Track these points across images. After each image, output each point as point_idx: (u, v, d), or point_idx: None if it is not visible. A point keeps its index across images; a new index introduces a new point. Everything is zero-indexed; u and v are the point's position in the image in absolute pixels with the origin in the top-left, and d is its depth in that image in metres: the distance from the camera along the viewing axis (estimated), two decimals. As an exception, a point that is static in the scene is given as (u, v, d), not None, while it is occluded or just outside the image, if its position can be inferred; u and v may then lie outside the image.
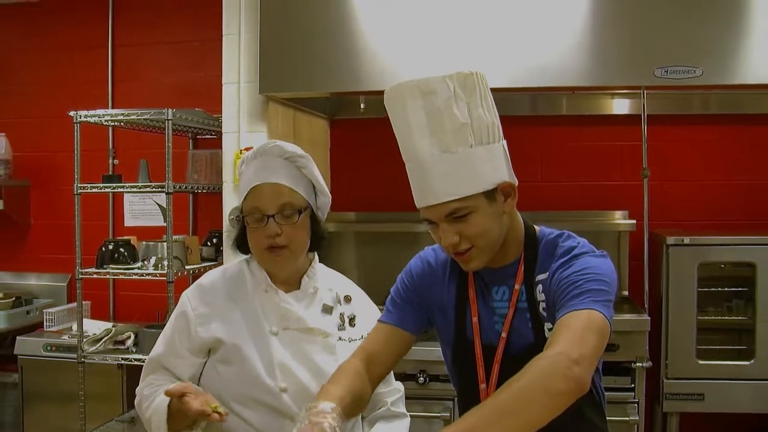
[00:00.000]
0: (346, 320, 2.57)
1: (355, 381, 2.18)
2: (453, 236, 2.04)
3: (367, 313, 2.66)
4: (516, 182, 2.11)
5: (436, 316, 2.31)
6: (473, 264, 2.12)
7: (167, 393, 2.29)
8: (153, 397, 2.42)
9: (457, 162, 2.00)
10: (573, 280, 2.00)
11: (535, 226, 2.24)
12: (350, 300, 2.63)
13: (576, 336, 1.84)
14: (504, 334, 2.15)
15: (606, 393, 2.35)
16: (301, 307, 2.52)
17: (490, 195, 2.03)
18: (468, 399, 2.24)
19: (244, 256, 2.60)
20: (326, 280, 2.63)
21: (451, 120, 2.00)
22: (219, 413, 2.21)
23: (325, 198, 2.61)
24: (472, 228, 2.03)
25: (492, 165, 2.04)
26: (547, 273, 2.12)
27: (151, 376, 2.53)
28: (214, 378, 2.46)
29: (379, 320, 2.35)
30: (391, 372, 2.58)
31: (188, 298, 2.55)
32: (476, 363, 2.19)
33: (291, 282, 2.55)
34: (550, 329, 2.06)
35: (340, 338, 2.53)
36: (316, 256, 2.65)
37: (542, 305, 2.11)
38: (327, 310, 2.56)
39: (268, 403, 2.40)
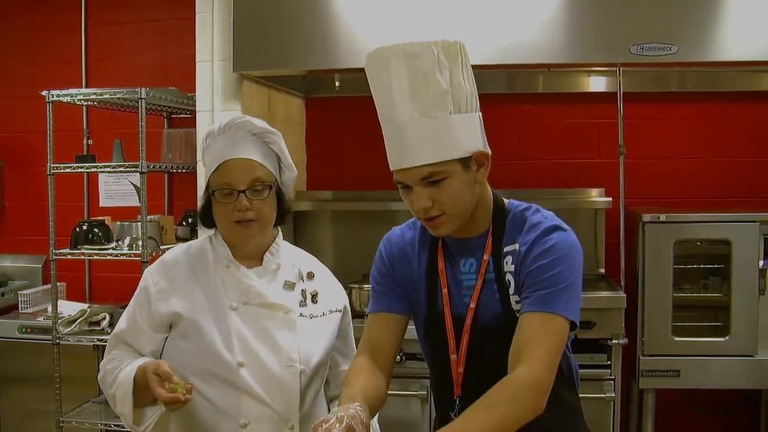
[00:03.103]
0: (308, 297, 2.57)
1: (369, 376, 2.20)
2: (426, 200, 2.06)
3: (331, 290, 2.67)
4: (490, 152, 2.12)
5: (410, 292, 2.31)
6: (442, 230, 2.14)
7: (141, 368, 2.32)
8: (117, 372, 2.42)
9: (436, 127, 2.02)
10: (549, 273, 2.06)
11: (504, 199, 2.26)
12: (313, 277, 2.63)
13: (549, 358, 1.99)
14: (472, 305, 2.18)
15: (582, 370, 2.38)
16: (263, 282, 2.51)
17: (464, 162, 2.05)
18: (439, 370, 2.28)
19: (210, 233, 2.60)
20: (289, 257, 2.63)
21: (434, 85, 2.02)
22: (186, 392, 2.22)
23: (291, 173, 2.60)
24: (446, 193, 2.05)
25: (468, 133, 2.06)
26: (517, 245, 2.14)
27: (114, 351, 2.53)
28: (174, 353, 2.45)
29: (368, 312, 2.37)
30: (355, 350, 2.61)
31: (150, 273, 2.55)
32: (446, 334, 2.21)
33: (253, 258, 2.55)
34: (517, 301, 2.11)
35: (301, 314, 2.52)
36: (280, 233, 2.64)
37: (508, 275, 2.14)
38: (289, 286, 2.55)
39: (226, 378, 2.39)
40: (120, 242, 4.55)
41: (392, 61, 2.04)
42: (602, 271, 4.84)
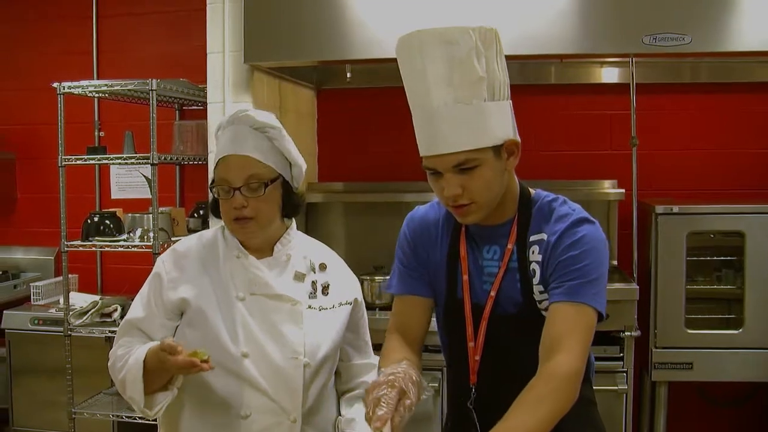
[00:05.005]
0: (319, 288, 2.54)
1: (404, 352, 2.22)
2: (456, 188, 2.05)
3: (343, 281, 2.63)
4: (519, 141, 2.11)
5: (431, 274, 2.31)
6: (470, 218, 2.13)
7: (151, 351, 2.29)
8: (126, 357, 2.39)
9: (471, 114, 2.01)
10: (579, 264, 2.07)
11: (531, 189, 2.25)
12: (325, 268, 2.59)
13: (583, 349, 2.02)
14: (493, 293, 2.17)
15: (595, 362, 2.36)
16: (273, 274, 2.49)
17: (497, 150, 2.05)
18: (456, 357, 2.29)
19: (222, 223, 2.58)
20: (301, 248, 2.59)
21: (471, 72, 2.01)
22: (206, 361, 2.20)
23: (298, 167, 2.56)
24: (477, 181, 2.04)
25: (501, 121, 2.05)
26: (545, 234, 2.14)
27: (125, 338, 2.50)
28: (181, 341, 2.43)
29: (394, 293, 2.37)
30: (369, 343, 2.66)
31: (163, 261, 2.54)
32: (465, 321, 2.21)
33: (264, 249, 2.52)
34: (541, 291, 2.12)
35: (309, 306, 2.49)
36: (294, 223, 2.62)
37: (534, 265, 2.14)
38: (299, 277, 2.52)
39: (230, 368, 2.38)
40: (131, 234, 4.56)
41: (428, 46, 2.02)
42: (615, 263, 4.81)
